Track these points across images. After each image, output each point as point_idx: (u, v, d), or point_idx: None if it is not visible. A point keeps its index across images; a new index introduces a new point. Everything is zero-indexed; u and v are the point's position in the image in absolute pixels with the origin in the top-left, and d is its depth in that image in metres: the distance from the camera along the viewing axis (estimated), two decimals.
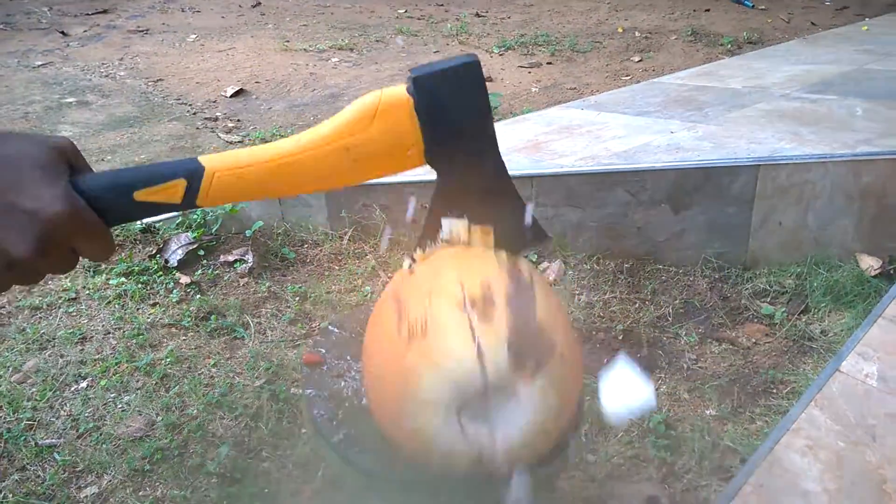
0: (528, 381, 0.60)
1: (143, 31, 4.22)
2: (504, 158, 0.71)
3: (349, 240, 2.05)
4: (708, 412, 1.54)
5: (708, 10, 5.10)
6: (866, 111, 2.24)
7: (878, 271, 1.86)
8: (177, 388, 1.53)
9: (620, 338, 1.74)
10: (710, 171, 1.90)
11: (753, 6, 5.16)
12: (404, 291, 0.68)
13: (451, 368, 0.60)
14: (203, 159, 0.59)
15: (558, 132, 2.29)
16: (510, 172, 0.68)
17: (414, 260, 0.71)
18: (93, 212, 0.56)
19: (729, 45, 4.14)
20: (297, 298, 1.84)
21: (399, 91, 0.61)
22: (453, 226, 0.69)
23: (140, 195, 0.57)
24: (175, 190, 0.58)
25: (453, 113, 0.61)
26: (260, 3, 5.17)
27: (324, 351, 0.87)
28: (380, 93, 0.61)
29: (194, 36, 4.31)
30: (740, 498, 1.04)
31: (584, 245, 1.99)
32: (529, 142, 2.19)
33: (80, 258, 0.59)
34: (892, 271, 1.86)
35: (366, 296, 1.83)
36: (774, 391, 1.60)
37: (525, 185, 1.96)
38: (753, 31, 4.43)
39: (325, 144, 0.60)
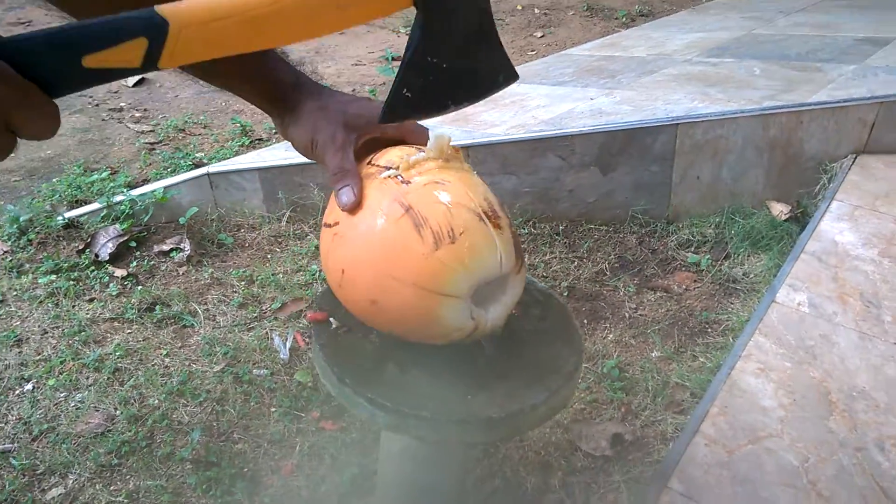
0: (516, 274, 0.76)
1: (24, 22, 3.94)
2: (437, 130, 0.77)
3: (287, 221, 2.03)
4: (654, 354, 1.64)
5: None
6: (764, 71, 2.42)
7: (787, 216, 2.02)
8: (132, 380, 1.48)
9: (566, 294, 1.82)
10: (633, 132, 2.00)
11: None
12: (412, 200, 0.73)
13: (479, 270, 0.72)
14: (165, 10, 0.49)
15: (484, 104, 2.32)
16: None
17: (397, 168, 0.76)
18: (23, 78, 0.45)
19: (623, 18, 4.32)
20: (243, 282, 1.81)
21: None
22: (439, 139, 0.77)
23: (90, 60, 0.47)
24: (133, 51, 0.48)
25: None
26: None
27: (328, 309, 0.88)
28: None
29: None
30: (709, 419, 1.13)
31: (520, 211, 2.05)
32: (458, 114, 2.22)
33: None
34: (799, 215, 2.03)
35: (314, 274, 1.82)
36: (710, 330, 1.72)
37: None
38: (644, 4, 4.63)
39: None
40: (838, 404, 1.15)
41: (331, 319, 0.86)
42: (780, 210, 2.04)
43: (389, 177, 0.76)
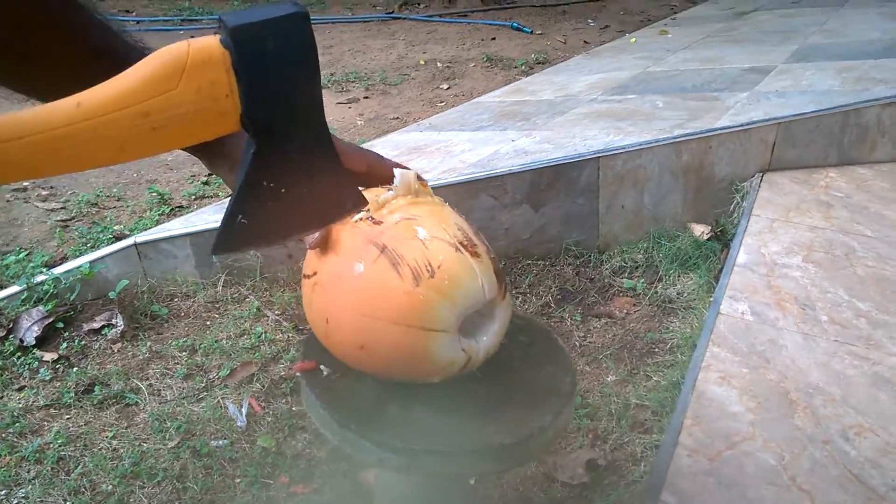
0: (501, 300, 0.77)
1: None
2: (401, 168, 0.79)
3: (224, 285, 1.97)
4: (609, 378, 1.67)
5: (494, 39, 5.51)
6: (666, 104, 2.57)
7: (709, 235, 2.13)
8: (79, 468, 1.38)
9: None
10: (559, 168, 2.08)
11: (532, 31, 5.65)
12: (386, 239, 0.73)
13: (462, 300, 0.72)
14: None
15: (409, 153, 2.37)
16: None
17: (367, 211, 0.76)
18: None
19: (522, 67, 4.51)
20: (185, 353, 1.73)
21: (211, 43, 0.50)
22: (404, 176, 0.78)
23: None
24: None
25: (278, 70, 0.51)
26: None
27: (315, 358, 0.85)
28: (187, 45, 0.49)
29: None
30: (685, 430, 1.16)
31: None
32: None
33: None
34: (719, 233, 2.15)
35: (259, 336, 1.77)
36: (657, 350, 1.78)
37: None
38: (539, 52, 4.86)
39: (117, 109, 0.48)
40: (799, 402, 1.21)
41: (321, 367, 0.84)
42: (701, 231, 2.15)
43: (361, 219, 0.77)
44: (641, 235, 2.20)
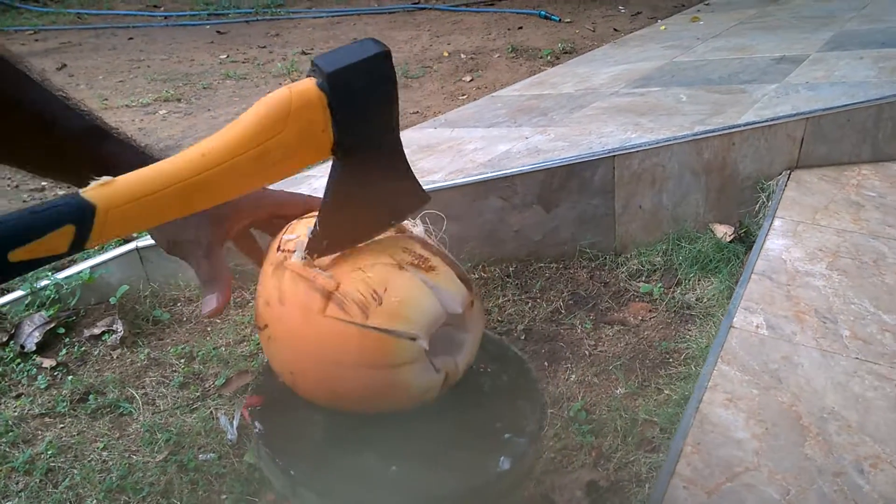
0: (471, 307, 0.71)
1: None
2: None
3: None
4: (618, 391, 1.60)
5: (521, 28, 5.40)
6: (689, 97, 2.46)
7: (732, 237, 2.03)
8: (67, 480, 1.36)
9: (523, 337, 1.77)
10: (571, 167, 2.00)
11: (560, 20, 5.52)
12: (327, 282, 0.67)
13: (421, 320, 0.66)
14: (90, 194, 0.49)
15: (420, 151, 2.31)
16: None
17: (305, 258, 0.70)
18: None
19: (548, 57, 4.40)
20: (183, 360, 1.70)
21: (309, 87, 0.56)
22: None
23: (16, 255, 0.48)
24: (60, 239, 0.49)
25: (365, 106, 0.58)
26: (66, 66, 4.81)
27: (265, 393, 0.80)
28: (289, 91, 0.56)
29: None
30: (684, 459, 1.08)
31: (468, 256, 2.01)
32: None
33: None
34: (743, 234, 2.04)
35: (258, 344, 1.73)
36: (671, 360, 1.69)
37: None
38: (566, 42, 4.74)
39: (239, 154, 0.55)
40: (811, 428, 1.12)
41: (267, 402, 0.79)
42: (724, 232, 2.05)
43: (297, 262, 0.70)
44: (660, 237, 2.10)
